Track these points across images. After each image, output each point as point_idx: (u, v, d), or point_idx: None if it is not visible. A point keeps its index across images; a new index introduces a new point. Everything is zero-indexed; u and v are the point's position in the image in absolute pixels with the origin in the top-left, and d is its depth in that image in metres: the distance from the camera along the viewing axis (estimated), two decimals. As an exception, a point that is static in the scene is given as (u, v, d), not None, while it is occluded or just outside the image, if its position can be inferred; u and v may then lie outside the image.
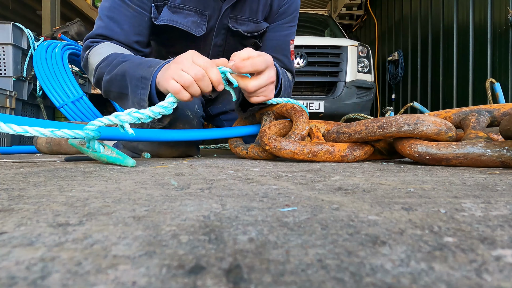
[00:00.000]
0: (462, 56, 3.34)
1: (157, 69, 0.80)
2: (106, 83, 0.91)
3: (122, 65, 0.86)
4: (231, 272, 0.18)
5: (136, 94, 0.82)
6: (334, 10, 6.41)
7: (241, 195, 0.39)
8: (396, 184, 0.46)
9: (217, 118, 1.35)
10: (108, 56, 0.91)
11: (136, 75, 0.82)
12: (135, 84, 0.82)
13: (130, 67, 0.84)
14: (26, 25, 2.24)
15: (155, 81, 0.80)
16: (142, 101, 0.81)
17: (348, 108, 2.96)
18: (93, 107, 2.17)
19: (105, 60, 0.91)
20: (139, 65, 0.83)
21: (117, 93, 0.91)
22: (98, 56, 0.94)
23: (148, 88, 0.79)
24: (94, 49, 0.97)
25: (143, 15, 1.01)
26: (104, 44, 0.97)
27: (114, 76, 0.87)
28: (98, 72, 0.92)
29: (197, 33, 1.08)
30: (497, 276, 0.18)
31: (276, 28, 1.20)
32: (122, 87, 0.87)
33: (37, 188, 0.44)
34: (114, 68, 0.87)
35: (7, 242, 0.23)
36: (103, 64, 0.91)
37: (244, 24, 1.14)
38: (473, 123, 0.76)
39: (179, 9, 1.05)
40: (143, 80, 0.80)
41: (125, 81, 0.85)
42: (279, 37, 1.20)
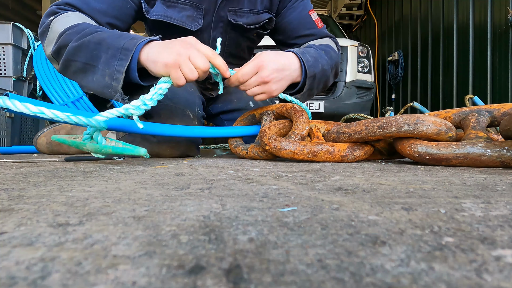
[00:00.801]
0: (462, 56, 3.34)
1: (140, 42, 0.75)
2: (71, 50, 0.79)
3: (97, 33, 0.78)
4: (231, 272, 0.18)
5: (110, 65, 0.75)
6: (334, 10, 6.40)
7: (241, 195, 0.39)
8: (396, 184, 0.46)
9: (218, 117, 1.34)
10: (78, 25, 0.81)
11: (116, 44, 0.75)
12: (112, 54, 0.74)
13: (108, 36, 0.77)
14: (26, 25, 2.24)
15: (138, 55, 0.75)
16: (117, 73, 0.74)
17: (348, 108, 2.96)
18: (93, 107, 2.17)
19: (74, 28, 0.81)
20: (120, 36, 0.77)
21: (82, 64, 0.79)
22: (65, 23, 0.83)
23: (128, 60, 0.73)
24: (60, 16, 0.85)
25: (127, 2, 0.97)
26: (73, 13, 0.87)
27: (86, 43, 0.77)
28: (63, 39, 0.80)
29: (192, 27, 1.06)
30: (497, 276, 0.18)
31: (287, 12, 1.17)
32: (93, 57, 0.77)
33: (37, 188, 0.44)
34: (87, 35, 0.78)
35: (7, 242, 0.23)
36: (71, 31, 0.80)
37: (244, 16, 1.12)
38: (473, 123, 0.76)
39: (174, 3, 1.02)
40: (123, 50, 0.74)
41: (98, 50, 0.76)
42: (296, 16, 1.17)
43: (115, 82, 0.75)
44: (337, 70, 1.13)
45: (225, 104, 1.31)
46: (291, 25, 1.18)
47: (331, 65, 1.05)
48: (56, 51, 0.83)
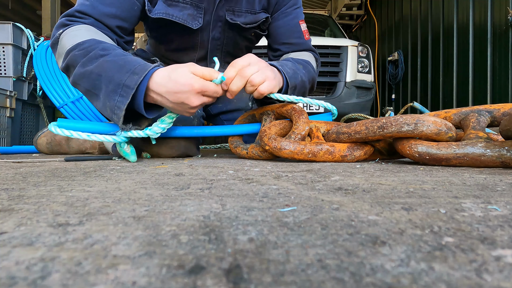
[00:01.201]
0: (462, 56, 3.34)
1: (143, 79, 0.74)
2: (77, 76, 0.81)
3: (100, 61, 0.77)
4: (231, 272, 0.18)
5: (111, 99, 0.75)
6: (334, 10, 6.40)
7: (241, 195, 0.39)
8: (396, 184, 0.46)
9: (217, 117, 1.35)
10: (85, 42, 0.81)
11: (116, 79, 0.74)
12: (113, 89, 0.75)
13: (110, 67, 0.76)
14: (26, 25, 2.24)
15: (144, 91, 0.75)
16: (117, 109, 0.75)
17: (348, 108, 2.96)
18: (93, 107, 2.17)
19: (81, 46, 0.81)
20: (122, 67, 0.76)
21: (86, 90, 0.82)
22: (73, 38, 0.83)
23: (128, 98, 0.73)
24: (69, 29, 0.86)
25: (133, 3, 0.97)
26: (82, 26, 0.87)
27: (88, 74, 0.78)
28: (70, 59, 0.82)
29: (193, 26, 1.07)
30: (497, 276, 0.18)
31: (280, 16, 1.18)
32: (95, 86, 0.79)
33: (37, 188, 0.44)
34: (90, 63, 0.78)
35: (7, 242, 0.23)
36: (78, 52, 0.80)
37: (241, 15, 1.13)
38: (473, 123, 0.76)
39: (175, 1, 1.03)
40: (125, 88, 0.74)
41: (99, 82, 0.77)
42: (287, 22, 1.18)
43: (116, 117, 0.77)
44: (314, 85, 1.15)
45: (225, 104, 1.31)
46: (280, 30, 1.19)
47: (308, 78, 1.07)
48: (65, 68, 0.86)
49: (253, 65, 0.83)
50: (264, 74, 0.84)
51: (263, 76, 0.83)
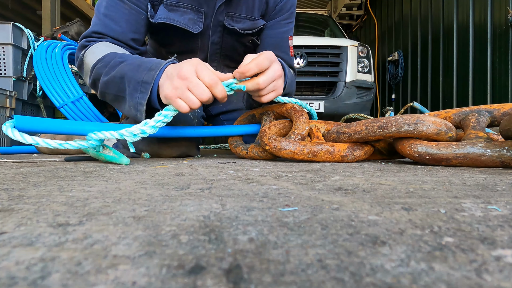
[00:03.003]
0: (462, 56, 3.34)
1: (158, 72, 0.78)
2: (103, 85, 0.88)
3: (120, 66, 0.84)
4: (231, 272, 0.18)
5: (133, 98, 0.80)
6: (334, 10, 6.40)
7: (241, 195, 0.39)
8: (396, 184, 0.46)
9: (217, 118, 1.35)
10: (105, 56, 0.88)
11: (136, 78, 0.79)
12: (134, 88, 0.79)
13: (129, 69, 0.82)
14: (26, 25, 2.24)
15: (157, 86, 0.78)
16: (139, 105, 0.79)
17: (348, 108, 2.96)
18: (93, 107, 2.17)
19: (102, 61, 0.88)
20: (139, 67, 0.81)
21: (114, 96, 0.88)
22: (94, 55, 0.91)
23: (148, 93, 0.77)
24: (90, 49, 0.94)
25: (140, 13, 1.00)
26: (100, 44, 0.94)
27: (112, 78, 0.84)
28: (95, 73, 0.89)
29: (194, 30, 1.08)
30: (497, 276, 0.18)
31: (274, 26, 1.19)
32: (120, 89, 0.84)
33: (37, 188, 0.44)
34: (112, 70, 0.84)
35: (7, 242, 0.23)
36: (100, 65, 0.88)
37: (240, 21, 1.14)
38: (473, 123, 0.76)
39: (176, 6, 1.04)
40: (144, 84, 0.78)
41: (123, 83, 0.82)
42: (278, 34, 1.19)
43: (139, 113, 0.80)
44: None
45: (224, 105, 1.31)
46: (270, 40, 1.20)
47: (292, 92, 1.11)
48: (92, 83, 0.93)
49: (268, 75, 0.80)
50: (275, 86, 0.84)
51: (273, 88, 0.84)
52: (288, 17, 1.21)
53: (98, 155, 0.81)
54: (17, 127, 0.72)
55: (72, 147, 0.75)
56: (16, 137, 0.70)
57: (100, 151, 0.80)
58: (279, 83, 0.85)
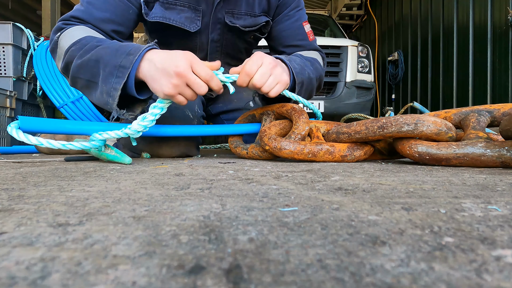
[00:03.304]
0: (462, 56, 3.34)
1: (137, 57, 0.75)
2: (75, 68, 0.82)
3: (96, 49, 0.79)
4: (231, 272, 0.18)
5: (107, 83, 0.76)
6: (334, 10, 6.40)
7: (241, 195, 0.39)
8: (396, 184, 0.46)
9: (218, 117, 1.35)
10: (81, 39, 0.83)
11: (112, 62, 0.75)
12: (110, 72, 0.75)
13: (106, 53, 0.78)
14: (26, 25, 2.24)
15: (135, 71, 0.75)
16: (113, 90, 0.75)
17: (348, 108, 2.96)
18: (93, 107, 2.17)
19: (77, 43, 0.82)
20: (117, 51, 0.77)
21: (86, 81, 0.82)
22: (70, 38, 0.85)
23: (124, 78, 0.74)
24: (66, 31, 0.88)
25: (128, 6, 0.97)
26: (77, 27, 0.89)
27: (86, 61, 0.79)
28: (68, 55, 0.83)
29: (191, 29, 1.07)
30: (497, 276, 0.18)
31: (283, 19, 1.18)
32: (93, 74, 0.79)
33: (37, 188, 0.44)
34: (87, 53, 0.79)
35: (7, 242, 0.23)
36: (75, 47, 0.82)
37: (241, 18, 1.13)
38: (473, 123, 0.76)
39: (172, 5, 1.03)
40: (121, 68, 0.74)
41: (97, 67, 0.78)
42: (291, 25, 1.18)
43: (111, 99, 0.77)
44: (321, 83, 1.15)
45: (225, 104, 1.31)
46: (284, 33, 1.19)
47: (316, 76, 1.07)
48: (65, 67, 0.86)
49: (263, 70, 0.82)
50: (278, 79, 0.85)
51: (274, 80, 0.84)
52: (296, 6, 1.19)
53: (100, 154, 0.81)
54: (21, 128, 0.73)
55: (75, 147, 0.75)
56: (21, 138, 0.71)
57: (102, 150, 0.80)
58: (279, 74, 0.85)
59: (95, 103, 0.85)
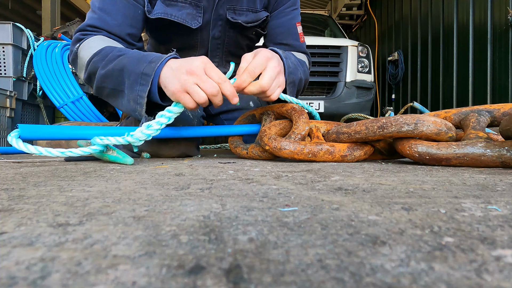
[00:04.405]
0: (462, 56, 3.34)
1: (159, 65, 0.77)
2: (100, 78, 0.85)
3: (119, 59, 0.82)
4: (231, 272, 0.18)
5: (133, 90, 0.79)
6: (334, 10, 6.40)
7: (241, 195, 0.39)
8: (396, 184, 0.46)
9: (218, 117, 1.34)
10: (102, 50, 0.86)
11: (136, 70, 0.78)
12: (134, 80, 0.78)
13: (129, 61, 0.80)
14: (26, 25, 2.24)
15: (158, 79, 0.77)
16: (139, 98, 0.78)
17: (348, 108, 2.96)
18: (93, 107, 2.17)
19: (99, 54, 0.86)
20: (139, 60, 0.80)
21: (111, 90, 0.86)
22: (90, 49, 0.88)
23: (148, 85, 0.76)
24: (85, 43, 0.91)
25: (137, 7, 0.99)
26: (95, 38, 0.92)
27: (111, 71, 0.82)
28: (91, 66, 0.86)
29: (193, 25, 1.06)
30: (497, 276, 0.18)
31: (279, 15, 1.18)
32: (119, 82, 0.82)
33: (37, 188, 0.44)
34: (110, 62, 0.83)
35: (7, 242, 0.23)
36: (97, 58, 0.85)
37: (242, 14, 1.12)
38: (473, 123, 0.76)
39: (173, 1, 1.03)
40: (144, 76, 0.77)
41: (122, 76, 0.81)
42: (285, 23, 1.18)
43: (139, 106, 0.79)
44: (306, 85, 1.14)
45: (225, 104, 1.30)
46: (278, 30, 1.19)
47: (305, 77, 1.08)
48: (88, 78, 0.90)
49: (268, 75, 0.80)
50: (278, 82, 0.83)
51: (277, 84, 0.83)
52: (293, 4, 1.19)
53: (102, 155, 0.81)
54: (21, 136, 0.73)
55: (75, 154, 0.75)
56: (21, 148, 0.71)
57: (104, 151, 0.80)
58: (281, 79, 0.85)
59: (123, 111, 0.87)
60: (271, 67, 0.80)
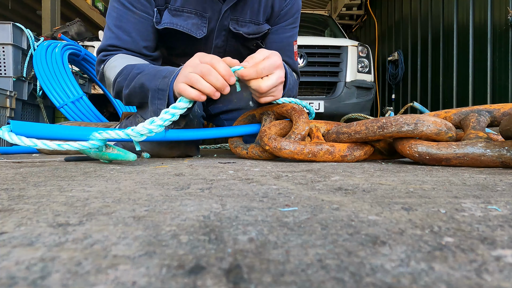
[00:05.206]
0: (462, 56, 3.34)
1: (172, 79, 0.82)
2: (126, 97, 0.95)
3: (137, 77, 0.89)
4: (231, 272, 0.18)
5: (153, 104, 0.85)
6: (334, 10, 6.40)
7: (241, 195, 0.39)
8: (396, 184, 0.46)
9: (218, 117, 1.34)
10: (123, 69, 0.94)
11: (152, 86, 0.85)
12: (153, 95, 0.85)
13: (146, 79, 0.87)
14: (26, 25, 2.24)
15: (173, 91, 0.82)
16: (159, 111, 0.83)
17: (348, 108, 2.96)
18: (93, 107, 2.17)
19: (121, 74, 0.94)
20: (154, 76, 0.86)
21: (139, 103, 0.96)
22: (113, 69, 0.97)
23: (165, 99, 0.83)
24: (108, 63, 1.00)
25: (149, 20, 1.03)
26: (117, 57, 1.00)
27: (133, 90, 0.91)
28: (117, 86, 0.96)
29: (197, 35, 1.09)
30: (497, 276, 0.18)
31: (279, 30, 1.20)
32: (142, 97, 0.91)
33: (37, 188, 0.44)
34: (131, 82, 0.91)
35: (7, 242, 0.23)
36: (120, 78, 0.94)
37: (245, 25, 1.14)
38: (473, 123, 0.76)
39: (179, 11, 1.05)
40: (160, 91, 0.83)
41: (144, 92, 0.88)
42: (283, 39, 1.21)
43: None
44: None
45: (225, 104, 1.31)
46: (275, 44, 1.20)
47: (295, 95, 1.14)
48: (116, 95, 1.00)
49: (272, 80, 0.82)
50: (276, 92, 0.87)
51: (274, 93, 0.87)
52: (293, 22, 1.22)
53: (101, 155, 0.79)
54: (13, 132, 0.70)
55: (72, 147, 0.73)
56: (14, 140, 0.68)
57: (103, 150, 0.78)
58: (279, 89, 0.88)
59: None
60: (276, 76, 0.83)
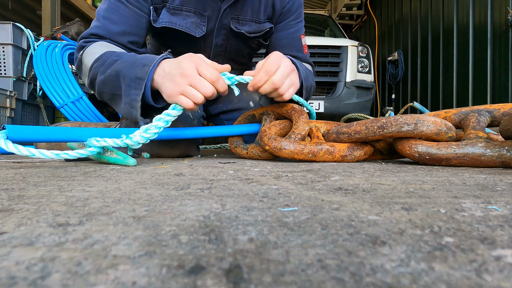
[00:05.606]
0: (462, 56, 3.34)
1: (152, 68, 0.78)
2: (100, 84, 0.88)
3: (115, 64, 0.83)
4: (231, 272, 0.18)
5: (128, 94, 0.80)
6: (334, 10, 6.40)
7: (241, 195, 0.39)
8: (396, 184, 0.46)
9: (218, 117, 1.35)
10: (102, 55, 0.88)
11: (130, 75, 0.79)
12: (128, 84, 0.80)
13: (124, 66, 0.82)
14: (26, 25, 2.24)
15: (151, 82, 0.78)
16: (134, 101, 0.79)
17: (348, 108, 2.96)
18: (93, 107, 2.17)
19: (99, 60, 0.88)
20: (133, 64, 0.81)
21: (110, 95, 0.88)
22: (91, 56, 0.91)
23: (142, 89, 0.77)
24: (87, 49, 0.94)
25: (141, 16, 1.01)
26: (97, 44, 0.94)
27: (108, 77, 0.84)
28: (92, 72, 0.89)
29: (196, 34, 1.08)
30: (497, 276, 0.18)
31: (284, 27, 1.20)
32: (116, 87, 0.84)
33: (37, 188, 0.44)
34: (108, 68, 0.84)
35: (7, 242, 0.23)
36: (97, 64, 0.88)
37: (246, 24, 1.14)
38: (473, 123, 0.76)
39: (178, 10, 1.04)
40: (138, 80, 0.78)
41: (118, 81, 0.82)
42: (289, 35, 1.20)
43: (134, 110, 0.80)
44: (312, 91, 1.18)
45: (225, 104, 1.31)
46: (282, 41, 1.20)
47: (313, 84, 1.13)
48: (90, 84, 0.93)
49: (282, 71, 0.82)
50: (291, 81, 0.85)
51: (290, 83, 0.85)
52: (297, 17, 1.22)
53: (100, 158, 0.79)
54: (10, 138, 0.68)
55: (70, 156, 0.73)
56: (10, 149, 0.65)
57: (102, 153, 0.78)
58: (293, 77, 0.86)
59: (122, 114, 0.89)
60: (284, 65, 0.82)
